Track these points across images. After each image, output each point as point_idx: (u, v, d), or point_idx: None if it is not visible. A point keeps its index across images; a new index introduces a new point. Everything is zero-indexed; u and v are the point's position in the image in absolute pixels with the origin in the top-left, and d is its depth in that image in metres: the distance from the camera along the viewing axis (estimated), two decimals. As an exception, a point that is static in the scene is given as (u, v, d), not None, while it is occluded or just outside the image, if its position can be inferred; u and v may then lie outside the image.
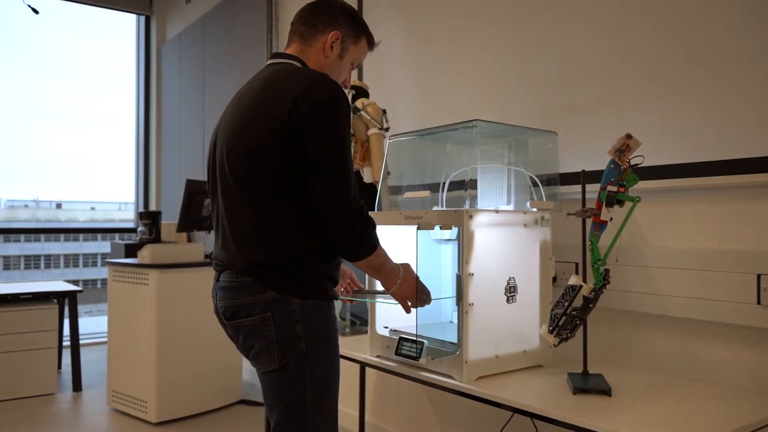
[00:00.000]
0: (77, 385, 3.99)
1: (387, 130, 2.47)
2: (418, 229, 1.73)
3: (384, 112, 2.47)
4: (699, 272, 1.70)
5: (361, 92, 2.55)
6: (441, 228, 1.69)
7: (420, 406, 2.74)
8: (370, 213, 1.88)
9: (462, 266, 1.62)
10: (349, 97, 2.49)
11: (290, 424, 1.47)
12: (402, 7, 2.86)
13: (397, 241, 1.92)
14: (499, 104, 2.34)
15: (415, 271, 1.63)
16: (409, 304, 1.61)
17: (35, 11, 4.94)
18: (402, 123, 2.75)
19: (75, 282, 4.50)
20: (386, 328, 1.90)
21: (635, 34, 1.89)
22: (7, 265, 15.47)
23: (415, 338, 1.74)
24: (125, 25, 6.20)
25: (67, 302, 4.08)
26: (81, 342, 4.14)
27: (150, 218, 4.50)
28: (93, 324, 6.28)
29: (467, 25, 2.51)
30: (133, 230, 6.03)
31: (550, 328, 1.53)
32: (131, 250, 4.59)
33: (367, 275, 1.83)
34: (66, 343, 4.22)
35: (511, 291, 1.71)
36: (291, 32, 1.64)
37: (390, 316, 1.90)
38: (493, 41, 2.38)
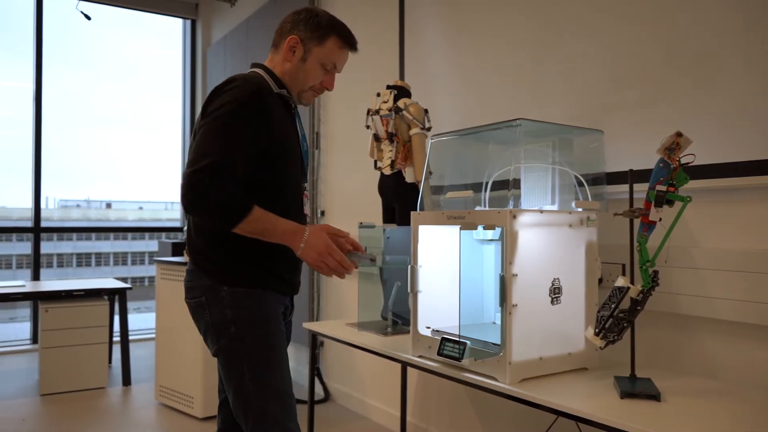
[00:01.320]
0: (126, 380, 4.11)
1: (429, 129, 2.46)
2: (461, 229, 1.72)
3: (426, 111, 2.47)
4: (752, 274, 1.64)
5: (403, 92, 2.55)
6: (484, 228, 1.68)
7: (462, 408, 2.73)
8: (413, 213, 1.86)
9: (505, 267, 1.60)
10: (391, 98, 2.49)
11: (242, 408, 1.55)
12: (444, 6, 2.85)
13: (439, 241, 1.92)
14: (543, 103, 2.31)
15: (330, 232, 1.55)
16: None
17: (87, 17, 5.12)
18: (444, 122, 2.74)
19: (124, 279, 4.64)
20: (428, 328, 1.89)
21: (685, 31, 1.84)
22: (60, 263, 16.05)
23: (457, 339, 1.73)
24: (172, 29, 6.36)
25: (117, 299, 4.21)
26: (130, 338, 4.26)
27: (196, 218, 4.59)
28: (141, 320, 6.46)
29: (510, 22, 2.48)
30: (179, 229, 6.18)
31: (596, 331, 1.50)
32: (178, 249, 4.71)
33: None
34: (116, 338, 4.36)
35: (555, 292, 1.69)
36: None
37: (432, 315, 1.90)
38: (537, 39, 2.35)
